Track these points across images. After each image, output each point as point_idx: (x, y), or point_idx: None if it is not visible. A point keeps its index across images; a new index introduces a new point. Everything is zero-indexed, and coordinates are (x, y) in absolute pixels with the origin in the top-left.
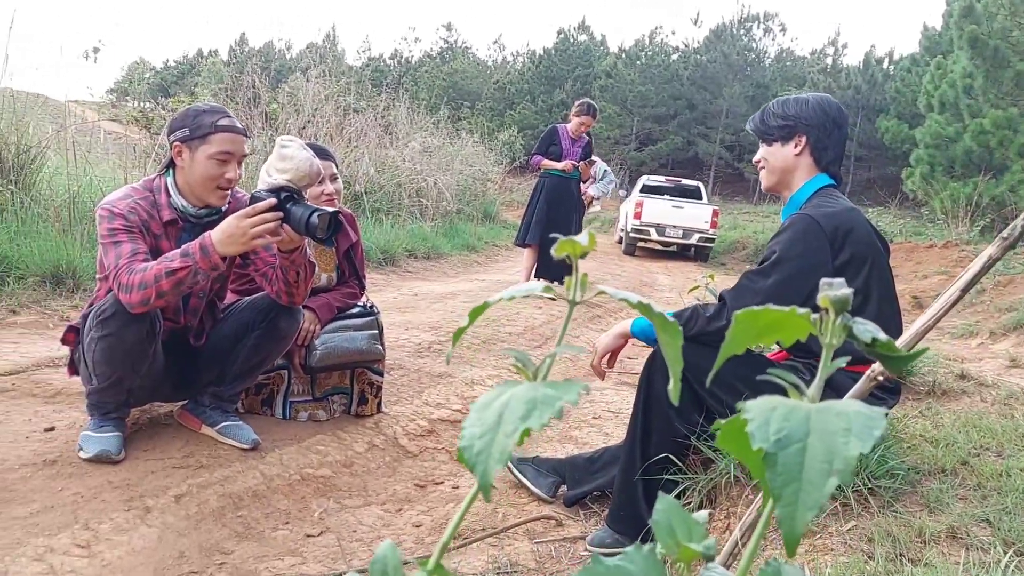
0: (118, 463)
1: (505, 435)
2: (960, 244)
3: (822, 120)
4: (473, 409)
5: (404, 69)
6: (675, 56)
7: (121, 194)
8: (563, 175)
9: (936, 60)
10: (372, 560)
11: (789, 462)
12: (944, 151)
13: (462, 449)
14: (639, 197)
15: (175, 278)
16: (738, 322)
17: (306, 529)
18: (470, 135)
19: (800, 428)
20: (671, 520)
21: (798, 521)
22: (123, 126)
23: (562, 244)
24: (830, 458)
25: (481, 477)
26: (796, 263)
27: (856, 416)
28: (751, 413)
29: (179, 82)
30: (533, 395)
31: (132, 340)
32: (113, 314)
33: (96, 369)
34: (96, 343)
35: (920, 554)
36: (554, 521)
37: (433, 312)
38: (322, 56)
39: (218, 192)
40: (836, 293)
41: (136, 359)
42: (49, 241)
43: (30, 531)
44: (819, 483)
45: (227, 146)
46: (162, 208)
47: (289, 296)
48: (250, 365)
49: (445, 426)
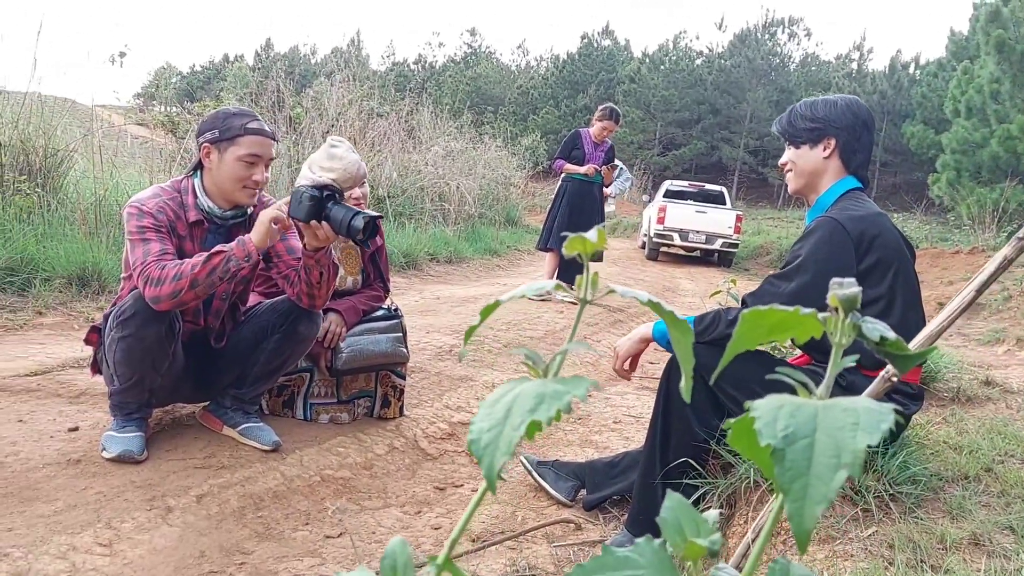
0: (140, 463)
1: (512, 428)
2: (987, 250)
3: (851, 122)
4: (483, 405)
5: (428, 74)
6: (699, 61)
7: (150, 193)
8: (585, 179)
9: (963, 65)
10: (383, 556)
11: (797, 457)
12: (971, 156)
13: (470, 442)
14: (662, 202)
15: (210, 265)
16: (745, 321)
17: (325, 530)
18: (493, 140)
19: (807, 424)
20: (679, 517)
21: (807, 516)
22: (149, 130)
23: (572, 242)
24: (838, 452)
25: (487, 469)
26: (820, 267)
27: (863, 411)
28: (759, 411)
29: (205, 87)
30: (542, 390)
31: (152, 340)
32: (133, 314)
33: (117, 369)
34: (116, 343)
35: (941, 561)
36: (573, 525)
37: (454, 316)
38: (347, 61)
39: (246, 191)
40: (844, 292)
41: (156, 359)
42: (75, 243)
43: (53, 529)
44: (827, 477)
45: (255, 148)
46: (188, 209)
47: (310, 298)
48: (270, 368)
49: (465, 429)
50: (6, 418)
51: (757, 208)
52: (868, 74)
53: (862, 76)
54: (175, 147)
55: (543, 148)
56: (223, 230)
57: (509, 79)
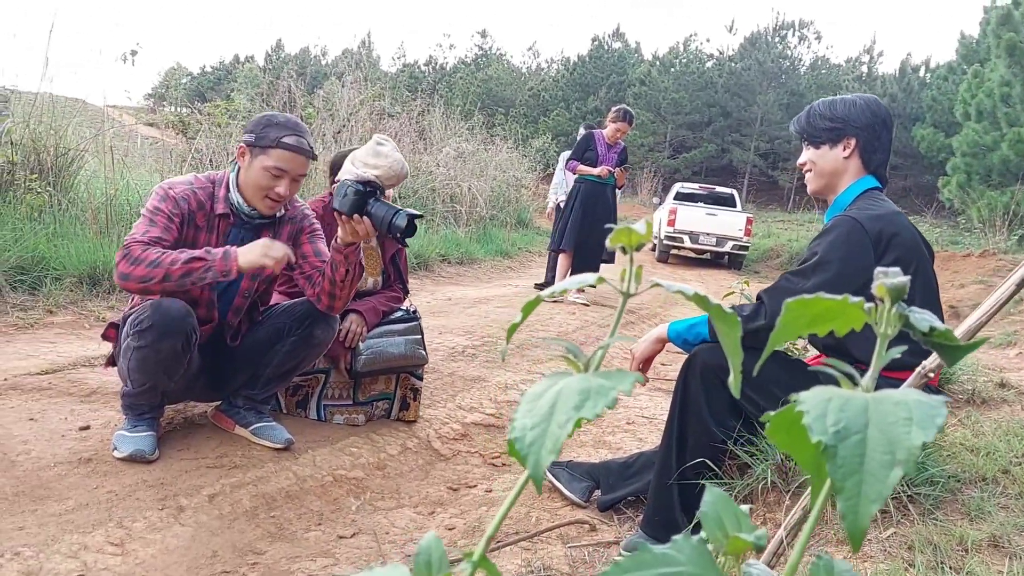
0: (152, 462)
1: (558, 425)
2: (998, 253)
3: (871, 122)
4: (523, 400)
5: (439, 75)
6: (709, 63)
7: (183, 180)
8: (598, 181)
9: (973, 68)
10: (416, 551)
11: (849, 454)
12: (981, 160)
13: (513, 440)
14: (673, 204)
15: (188, 267)
16: (789, 310)
17: (338, 530)
18: (504, 141)
19: (858, 418)
20: (719, 511)
21: (861, 514)
22: (160, 130)
23: (617, 234)
24: (892, 449)
25: (532, 468)
26: (838, 265)
27: (916, 405)
28: (806, 404)
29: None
30: (586, 385)
31: (167, 352)
32: (150, 326)
33: (131, 375)
34: (132, 352)
35: (961, 562)
36: (588, 526)
37: (467, 317)
38: (358, 62)
39: (266, 201)
40: (892, 281)
41: (170, 369)
42: (86, 242)
43: (64, 528)
44: (881, 475)
45: (283, 163)
46: (218, 201)
47: (330, 299)
48: (283, 370)
49: (478, 430)
50: (17, 416)
51: (767, 211)
52: (878, 77)
53: (872, 79)
54: (185, 147)
55: (554, 150)
56: (249, 227)
57: (520, 81)
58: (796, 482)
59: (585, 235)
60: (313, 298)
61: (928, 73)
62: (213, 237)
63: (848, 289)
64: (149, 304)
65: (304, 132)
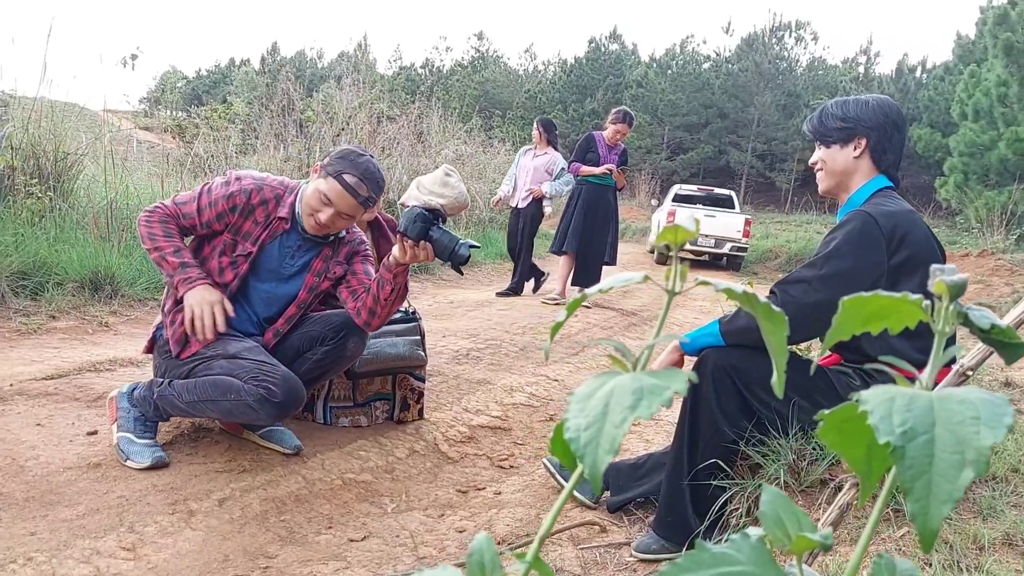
0: (156, 468)
1: (614, 425)
2: (996, 253)
3: (883, 122)
4: (573, 400)
5: (436, 78)
6: (706, 65)
7: (259, 175)
8: (600, 183)
9: (970, 68)
10: (468, 553)
11: (918, 455)
12: (978, 160)
13: (569, 440)
14: (671, 206)
15: (170, 266)
16: (845, 308)
17: (349, 534)
18: (502, 144)
19: (925, 418)
20: (778, 511)
21: (932, 515)
22: (157, 135)
23: (664, 232)
24: (961, 449)
25: (591, 468)
26: (850, 258)
27: (983, 404)
28: (870, 404)
29: (211, 91)
30: (639, 384)
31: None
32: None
33: (203, 408)
34: (237, 403)
35: (977, 561)
36: (598, 527)
37: (470, 319)
38: (355, 65)
39: (310, 219)
40: (952, 278)
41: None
42: (87, 247)
43: (76, 533)
44: (952, 475)
45: (332, 195)
46: (284, 205)
47: (370, 315)
48: (309, 378)
49: (485, 432)
50: (25, 422)
51: (765, 212)
52: (875, 78)
53: (869, 80)
54: (182, 151)
55: None
56: (311, 241)
57: (517, 83)
58: (808, 482)
59: (587, 237)
60: (353, 311)
61: (925, 73)
62: (266, 234)
63: (860, 282)
64: (283, 373)
65: (368, 179)
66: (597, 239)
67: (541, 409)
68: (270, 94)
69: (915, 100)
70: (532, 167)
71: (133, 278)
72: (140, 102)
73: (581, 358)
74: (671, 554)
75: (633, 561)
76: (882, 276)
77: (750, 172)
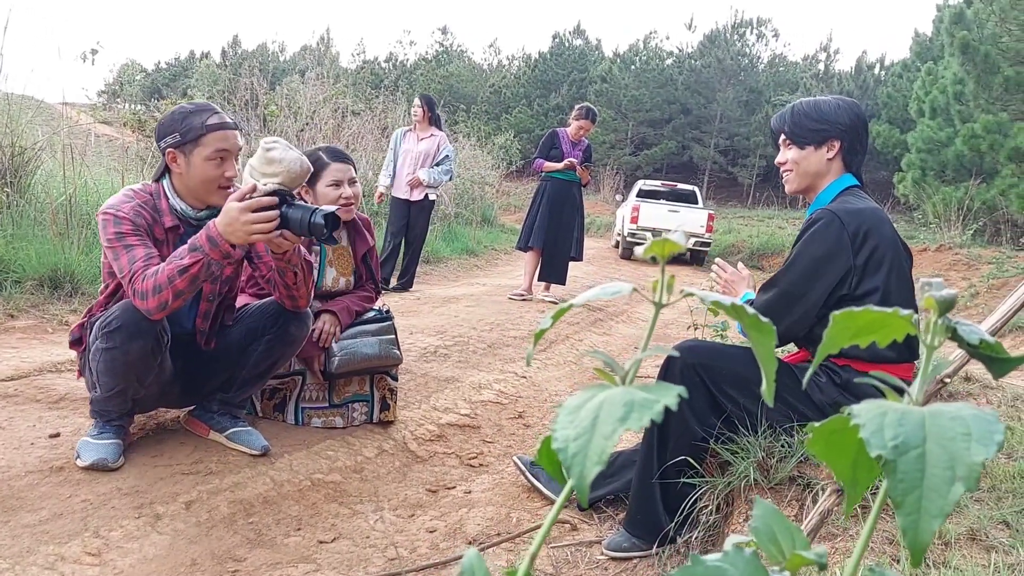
0: (116, 471)
1: (603, 437)
2: (953, 248)
3: (854, 124)
4: (562, 412)
5: (400, 72)
6: (669, 61)
7: (123, 198)
8: (565, 179)
9: (927, 66)
10: (460, 571)
11: (909, 469)
12: (936, 156)
13: (557, 451)
14: (635, 202)
15: (189, 275)
16: (835, 322)
17: (319, 535)
18: (467, 139)
19: (916, 433)
20: (771, 526)
21: (922, 530)
22: (116, 129)
23: (653, 245)
24: (951, 464)
25: (578, 480)
26: (815, 258)
27: (974, 420)
28: (862, 418)
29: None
30: (630, 398)
31: (137, 354)
32: (119, 327)
33: (99, 379)
34: (100, 354)
35: (943, 556)
36: (569, 525)
37: (437, 316)
38: (319, 59)
39: (220, 192)
40: (941, 294)
41: (141, 372)
42: (46, 244)
43: (40, 539)
44: (943, 491)
45: (221, 144)
46: (163, 214)
47: (292, 300)
48: (259, 371)
49: (454, 430)
50: None
51: (727, 207)
52: (835, 75)
53: (829, 76)
54: (142, 145)
55: (516, 147)
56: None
57: (481, 78)
58: (777, 479)
59: (553, 233)
60: (278, 300)
61: (883, 71)
62: (170, 250)
63: (827, 282)
64: (118, 305)
65: (219, 109)
66: (563, 235)
67: (510, 407)
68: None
69: (874, 97)
70: (416, 152)
71: (94, 275)
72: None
73: (548, 354)
74: (642, 552)
75: (605, 559)
76: (846, 273)
77: (713, 167)
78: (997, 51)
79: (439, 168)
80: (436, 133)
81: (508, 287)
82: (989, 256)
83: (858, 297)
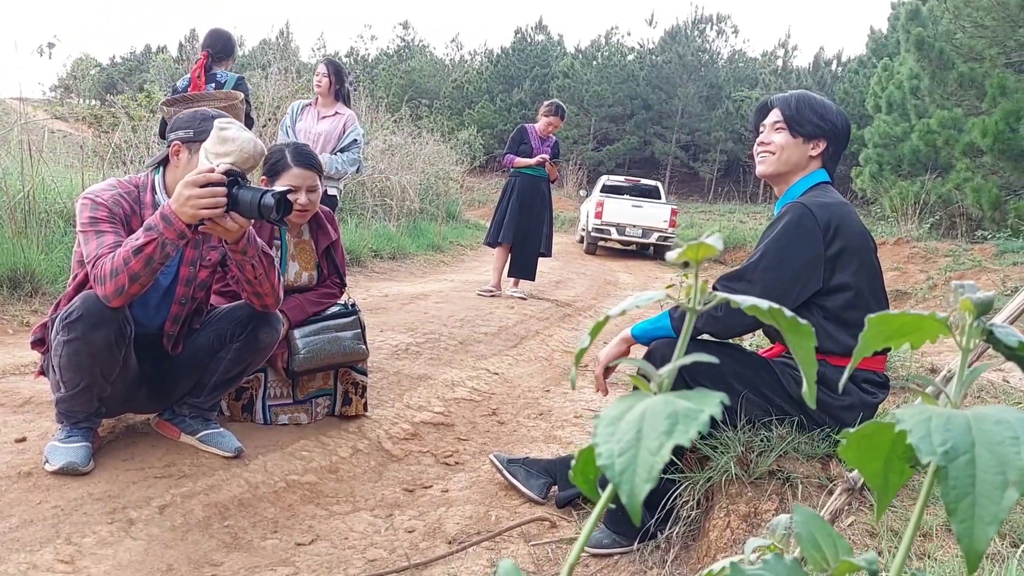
0: (86, 475)
1: (650, 452)
2: (911, 241)
3: (844, 133)
4: (600, 424)
5: (361, 67)
6: (631, 56)
7: (105, 185)
8: (534, 174)
9: (883, 62)
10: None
11: (960, 475)
12: (892, 150)
13: (602, 468)
14: (600, 197)
15: (143, 255)
16: (871, 326)
17: (296, 537)
18: (431, 134)
19: (964, 438)
20: (813, 532)
21: (977, 537)
22: (71, 124)
23: (687, 250)
24: (1002, 469)
25: (629, 499)
26: (787, 252)
27: (1020, 423)
28: (907, 423)
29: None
30: (673, 408)
31: (100, 344)
32: (80, 317)
33: (63, 375)
34: (63, 347)
35: (923, 548)
36: (548, 523)
37: (406, 313)
38: (282, 53)
39: None
40: (978, 296)
41: (105, 365)
42: (4, 243)
43: (10, 547)
44: (995, 496)
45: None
46: (145, 207)
47: (258, 297)
48: (228, 376)
49: (428, 429)
50: None
51: (689, 202)
52: (793, 70)
53: (787, 72)
54: (101, 143)
55: (479, 143)
56: None
57: (443, 73)
58: (757, 474)
59: (523, 229)
60: (246, 300)
61: (840, 67)
62: None
63: (798, 275)
64: (79, 296)
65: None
66: (533, 230)
67: (483, 404)
68: None
69: (831, 92)
70: (315, 133)
71: (54, 275)
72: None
73: (520, 350)
74: (623, 548)
75: (586, 556)
76: (819, 266)
77: (674, 163)
78: (951, 48)
79: (344, 156)
80: (343, 111)
81: (476, 283)
82: (946, 249)
83: (830, 290)
